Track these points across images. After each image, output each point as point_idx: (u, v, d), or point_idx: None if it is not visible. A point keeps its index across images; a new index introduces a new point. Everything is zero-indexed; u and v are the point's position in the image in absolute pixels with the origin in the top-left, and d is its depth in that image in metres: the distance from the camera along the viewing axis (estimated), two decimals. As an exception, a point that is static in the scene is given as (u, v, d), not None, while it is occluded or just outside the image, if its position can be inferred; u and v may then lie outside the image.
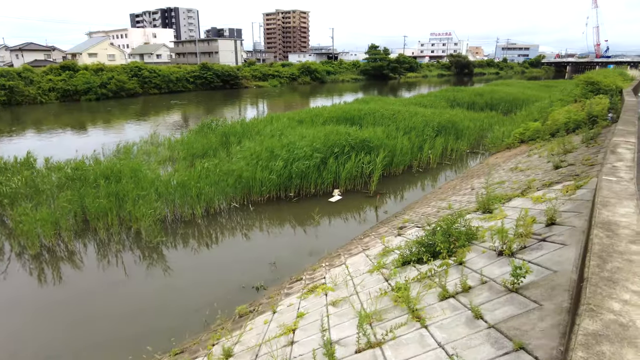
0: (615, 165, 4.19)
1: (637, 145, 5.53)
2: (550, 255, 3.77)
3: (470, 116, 22.35)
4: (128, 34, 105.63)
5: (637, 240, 2.48)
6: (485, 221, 6.24)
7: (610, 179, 3.70)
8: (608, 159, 4.45)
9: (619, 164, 4.24)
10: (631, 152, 4.85)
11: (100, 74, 49.39)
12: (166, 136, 21.05)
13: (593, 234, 2.58)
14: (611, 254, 2.29)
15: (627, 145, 5.15)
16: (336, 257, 8.36)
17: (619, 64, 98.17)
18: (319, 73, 76.45)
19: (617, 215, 2.86)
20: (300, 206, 12.21)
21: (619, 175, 3.83)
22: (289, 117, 20.15)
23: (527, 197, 6.71)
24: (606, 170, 4.02)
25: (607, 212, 2.93)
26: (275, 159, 12.91)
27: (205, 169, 12.34)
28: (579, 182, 6.15)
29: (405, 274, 5.03)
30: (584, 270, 2.22)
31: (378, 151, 14.53)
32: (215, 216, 11.45)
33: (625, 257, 2.26)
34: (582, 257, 2.84)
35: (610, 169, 4.06)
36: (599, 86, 17.59)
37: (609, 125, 12.10)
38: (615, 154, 4.70)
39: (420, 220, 8.72)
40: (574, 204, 5.24)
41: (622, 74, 30.42)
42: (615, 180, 3.68)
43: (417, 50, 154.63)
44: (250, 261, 9.20)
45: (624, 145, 5.15)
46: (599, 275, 2.07)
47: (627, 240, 2.48)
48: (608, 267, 2.15)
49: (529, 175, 8.91)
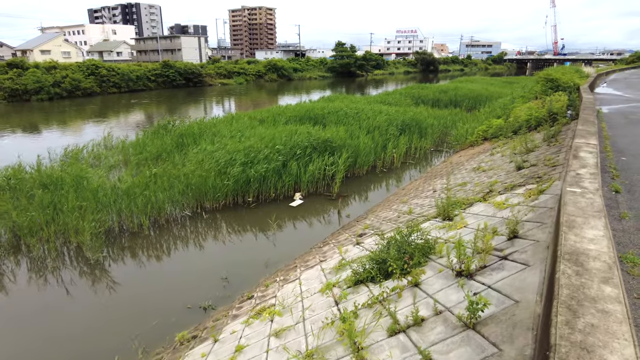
0: (579, 172, 3.81)
1: (598, 147, 5.22)
2: (512, 280, 3.33)
3: (434, 114, 22.26)
4: (85, 30, 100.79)
5: (609, 277, 2.02)
6: (444, 230, 5.82)
7: (575, 191, 3.29)
8: (571, 165, 4.07)
9: (582, 171, 3.87)
10: (594, 155, 4.51)
11: (53, 72, 46.68)
12: (121, 138, 19.86)
13: (560, 269, 2.11)
14: (582, 303, 1.82)
15: (589, 148, 4.82)
16: (292, 269, 7.79)
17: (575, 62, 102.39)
18: (286, 70, 75.51)
19: (585, 241, 2.41)
20: (259, 212, 11.55)
21: (583, 186, 3.43)
22: (250, 117, 19.39)
23: (489, 203, 6.35)
24: (570, 180, 3.62)
25: (574, 236, 2.48)
26: (232, 162, 12.19)
27: (154, 175, 11.46)
28: (542, 187, 5.82)
29: (356, 297, 4.51)
30: (549, 326, 1.72)
31: (341, 152, 14.06)
32: (165, 226, 10.62)
33: (599, 307, 1.79)
34: (546, 293, 2.37)
35: (574, 178, 3.66)
36: (558, 83, 17.79)
37: (568, 123, 12.08)
38: (577, 158, 4.34)
39: (381, 226, 8.27)
40: (537, 212, 4.87)
41: (578, 71, 31.31)
42: (580, 192, 3.27)
43: (384, 48, 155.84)
44: (200, 276, 8.49)
45: (586, 149, 4.82)
46: (569, 339, 1.58)
47: (599, 278, 2.02)
48: (580, 324, 1.67)
49: (491, 176, 8.62)
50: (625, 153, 7.53)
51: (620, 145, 8.19)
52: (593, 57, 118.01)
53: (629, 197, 5.03)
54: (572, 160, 4.28)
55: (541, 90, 18.34)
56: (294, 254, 9.02)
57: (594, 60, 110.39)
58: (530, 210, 5.07)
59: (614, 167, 6.35)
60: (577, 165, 4.06)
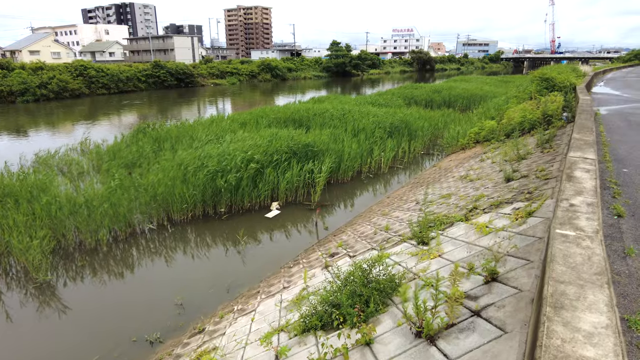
0: (574, 203, 2.96)
1: (597, 161, 4.37)
2: (482, 353, 2.47)
3: (426, 115, 21.39)
4: (78, 31, 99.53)
5: None
6: (416, 259, 4.96)
7: (567, 235, 2.43)
8: (563, 190, 3.22)
9: (578, 200, 3.02)
10: (592, 175, 3.66)
11: (39, 73, 45.66)
12: (98, 142, 18.99)
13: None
14: None
15: (586, 165, 3.97)
16: (254, 295, 6.93)
17: (572, 60, 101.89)
18: (280, 70, 74.55)
19: (579, 340, 1.56)
20: (231, 224, 10.68)
21: (578, 226, 2.58)
22: (232, 119, 18.49)
23: (471, 223, 5.50)
24: (561, 215, 2.76)
25: (562, 327, 1.63)
26: (202, 169, 11.31)
27: (117, 185, 10.57)
28: (531, 207, 4.98)
29: (299, 352, 3.64)
30: None
31: (323, 157, 13.20)
32: (126, 241, 9.74)
33: None
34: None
35: (566, 212, 2.81)
36: (554, 83, 16.96)
37: (564, 126, 11.25)
38: (572, 180, 3.49)
39: (356, 245, 7.42)
40: (523, 243, 4.02)
41: (574, 69, 30.50)
42: (574, 236, 2.42)
43: (380, 47, 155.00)
44: (155, 300, 7.61)
45: (583, 165, 3.97)
46: None
47: None
48: None
49: (478, 188, 7.77)
50: (627, 163, 6.68)
51: (621, 153, 7.34)
52: (590, 56, 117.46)
53: (635, 223, 4.18)
54: (565, 183, 3.42)
55: (536, 90, 17.51)
56: (262, 274, 8.16)
57: (591, 58, 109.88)
58: (516, 238, 4.22)
59: (615, 182, 5.50)
60: (572, 191, 3.21)
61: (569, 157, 4.34)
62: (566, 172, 3.74)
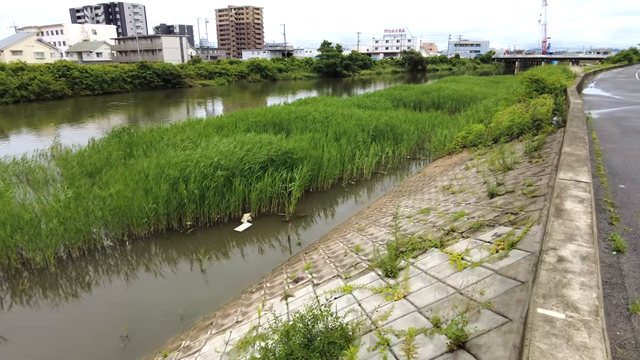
0: (563, 255, 2.20)
1: (592, 184, 3.61)
2: None
3: (413, 117, 20.67)
4: (64, 30, 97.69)
5: None
6: (380, 298, 4.19)
7: (553, 320, 1.66)
8: (551, 234, 2.46)
9: (569, 250, 2.26)
10: (586, 208, 2.90)
11: (20, 74, 44.36)
12: (69, 147, 18.04)
13: None
14: None
15: (578, 192, 3.22)
16: (205, 329, 6.11)
17: (562, 60, 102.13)
18: (270, 70, 73.60)
19: None
20: (195, 239, 9.83)
21: (570, 301, 1.81)
22: (208, 122, 17.62)
23: (446, 252, 4.74)
24: (545, 279, 1.99)
25: None
26: (164, 178, 10.46)
27: (69, 197, 9.68)
28: (514, 236, 4.22)
29: None
30: None
31: (301, 164, 12.40)
32: (78, 261, 8.86)
33: None
34: None
35: (552, 272, 2.05)
36: (544, 84, 16.30)
37: (554, 131, 10.56)
38: (561, 216, 2.74)
39: (324, 268, 6.63)
40: (503, 287, 3.26)
41: (565, 70, 30.02)
42: (563, 322, 1.65)
43: (372, 47, 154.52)
44: (97, 331, 6.74)
45: (575, 192, 3.21)
46: None
47: None
48: None
49: (459, 203, 7.02)
50: (624, 177, 5.96)
51: (616, 165, 6.63)
52: (580, 56, 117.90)
53: (638, 261, 3.43)
54: (554, 222, 2.66)
55: (525, 92, 16.85)
56: (222, 299, 7.35)
57: (581, 59, 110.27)
58: (495, 280, 3.46)
59: (611, 203, 4.76)
60: (561, 235, 2.44)
61: (559, 180, 3.58)
62: (555, 203, 2.98)
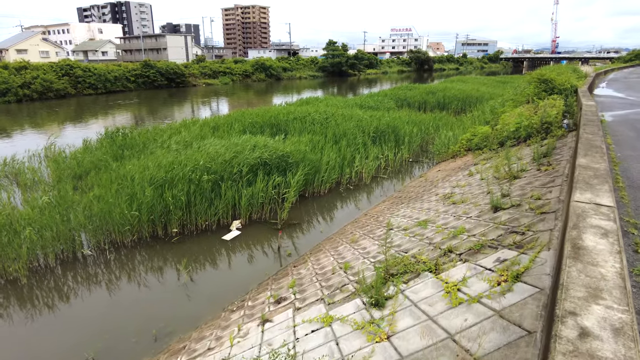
0: (586, 325, 1.57)
1: (617, 210, 2.95)
2: None
3: (416, 118, 19.97)
4: (70, 29, 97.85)
5: None
6: (361, 337, 3.56)
7: None
8: (567, 287, 1.82)
9: (593, 318, 1.62)
10: (613, 245, 2.25)
11: (23, 73, 44.21)
12: (62, 148, 17.59)
13: None
14: None
15: (600, 220, 2.57)
16: (177, 354, 5.53)
17: (572, 60, 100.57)
18: (274, 70, 73.03)
19: None
20: (180, 248, 9.26)
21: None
22: (204, 123, 17.07)
23: (441, 280, 4.10)
24: None
25: None
26: (151, 184, 9.91)
27: (45, 203, 9.17)
28: (519, 265, 3.59)
29: None
30: None
31: (296, 168, 11.81)
32: (53, 271, 8.32)
33: None
34: None
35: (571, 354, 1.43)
36: (553, 84, 15.53)
37: (564, 135, 9.85)
38: (579, 257, 2.10)
39: (309, 288, 6.01)
40: (503, 337, 2.63)
41: (575, 70, 29.11)
42: None
43: (378, 46, 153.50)
44: (62, 354, 6.20)
45: (596, 221, 2.57)
46: None
47: None
48: None
49: (459, 216, 6.37)
50: (645, 190, 5.28)
51: (636, 176, 5.94)
52: (590, 56, 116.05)
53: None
54: (570, 267, 2.02)
55: (534, 92, 16.08)
56: (200, 318, 6.77)
57: (591, 58, 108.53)
58: (495, 325, 2.82)
59: (635, 224, 4.09)
60: (581, 289, 1.81)
61: (574, 203, 2.93)
62: (571, 238, 2.34)
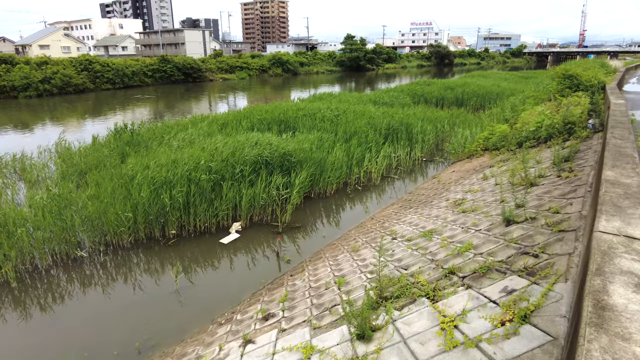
0: None
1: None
2: None
3: (432, 115, 19.19)
4: (92, 25, 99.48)
5: None
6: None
7: None
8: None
9: None
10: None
11: (44, 68, 44.95)
12: (73, 144, 17.56)
13: None
14: None
15: (632, 262, 2.00)
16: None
17: (599, 54, 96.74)
18: (291, 64, 72.56)
19: None
20: (176, 251, 8.90)
21: None
22: (213, 120, 16.73)
23: (437, 310, 3.55)
24: None
25: None
26: (149, 183, 9.58)
27: (38, 201, 8.93)
28: (529, 301, 3.01)
29: None
30: None
31: (301, 167, 11.32)
32: (45, 274, 8.07)
33: None
34: None
35: None
36: (578, 80, 14.57)
37: (589, 137, 9.06)
38: (604, 324, 1.55)
39: (299, 304, 5.51)
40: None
41: (603, 65, 27.65)
42: None
43: (398, 41, 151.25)
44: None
45: (627, 263, 1.98)
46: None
47: None
48: None
49: (468, 228, 5.77)
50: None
51: (671, 186, 5.20)
52: (619, 50, 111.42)
53: None
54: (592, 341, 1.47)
55: (557, 89, 15.14)
56: (187, 330, 6.37)
57: (621, 52, 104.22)
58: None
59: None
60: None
61: (598, 234, 2.34)
62: (593, 290, 1.77)
